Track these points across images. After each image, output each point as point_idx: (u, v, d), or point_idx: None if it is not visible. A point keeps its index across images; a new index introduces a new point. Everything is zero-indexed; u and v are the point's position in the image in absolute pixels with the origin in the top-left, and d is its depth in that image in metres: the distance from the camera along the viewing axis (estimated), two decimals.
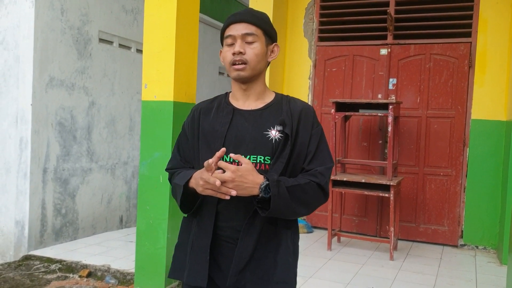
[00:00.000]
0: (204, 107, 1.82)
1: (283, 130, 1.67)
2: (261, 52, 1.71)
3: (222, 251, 1.70)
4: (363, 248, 5.37)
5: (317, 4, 6.20)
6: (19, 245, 4.88)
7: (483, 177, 5.44)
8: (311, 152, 1.71)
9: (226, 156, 1.66)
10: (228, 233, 1.69)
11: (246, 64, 1.69)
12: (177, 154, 1.87)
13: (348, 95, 6.02)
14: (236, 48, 1.68)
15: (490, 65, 5.43)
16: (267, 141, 1.67)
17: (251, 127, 1.70)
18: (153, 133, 4.03)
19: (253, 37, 1.70)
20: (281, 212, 1.62)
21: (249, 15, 1.73)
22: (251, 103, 1.77)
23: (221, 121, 1.74)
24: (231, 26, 1.73)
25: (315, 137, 1.72)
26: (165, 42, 3.96)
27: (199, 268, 1.69)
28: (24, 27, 4.85)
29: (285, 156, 1.65)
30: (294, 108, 1.74)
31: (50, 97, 5.02)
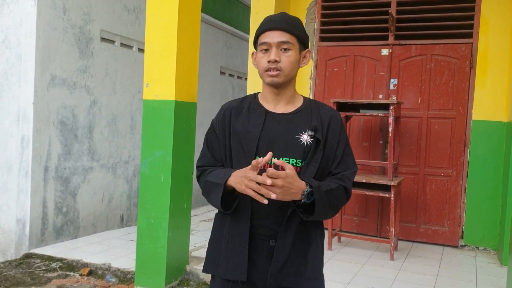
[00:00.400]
0: (235, 107, 1.86)
1: (314, 135, 1.75)
2: (295, 60, 1.77)
3: (256, 247, 1.76)
4: (363, 248, 5.38)
5: (318, 4, 6.21)
6: (20, 243, 4.89)
7: (483, 178, 5.45)
8: (338, 156, 1.80)
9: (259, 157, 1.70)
10: (261, 231, 1.76)
11: (281, 71, 1.74)
12: (207, 152, 1.90)
13: (349, 95, 6.03)
14: (272, 56, 1.73)
15: (491, 66, 5.44)
16: (299, 145, 1.75)
17: (283, 130, 1.77)
18: (154, 132, 4.04)
19: (288, 45, 1.74)
20: (320, 215, 1.72)
21: (284, 23, 1.76)
22: (281, 106, 1.82)
23: (254, 123, 1.79)
24: (266, 33, 1.76)
25: (342, 142, 1.82)
26: (166, 41, 3.97)
27: (238, 263, 1.75)
28: (26, 26, 4.86)
29: (317, 160, 1.74)
30: (324, 114, 1.82)
31: (51, 96, 5.04)
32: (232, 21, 8.84)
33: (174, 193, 4.04)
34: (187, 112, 4.17)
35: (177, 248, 4.18)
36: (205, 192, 1.85)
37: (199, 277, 4.25)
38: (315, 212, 1.67)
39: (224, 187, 1.72)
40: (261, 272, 1.75)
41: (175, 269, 4.17)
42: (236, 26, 8.89)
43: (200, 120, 7.48)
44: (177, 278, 4.22)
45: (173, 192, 4.02)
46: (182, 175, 4.15)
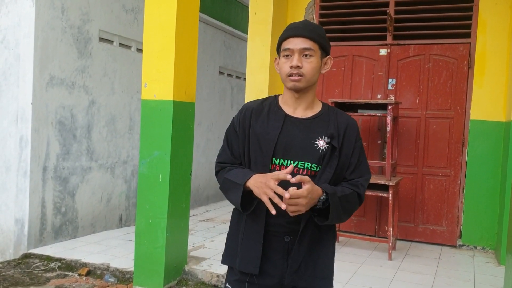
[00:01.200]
0: (256, 108, 1.92)
1: (330, 142, 1.82)
2: (317, 66, 1.83)
3: (271, 243, 1.84)
4: (361, 248, 5.39)
5: (316, 4, 6.21)
6: (18, 243, 4.89)
7: (481, 178, 5.46)
8: (352, 163, 1.87)
9: (276, 160, 1.82)
10: (276, 229, 1.84)
11: (302, 76, 1.80)
12: (227, 149, 1.96)
13: (347, 95, 6.04)
14: (294, 62, 1.79)
15: (489, 66, 5.45)
16: (315, 150, 1.81)
17: (300, 135, 1.83)
18: (153, 132, 4.04)
19: (310, 51, 1.81)
20: (334, 220, 1.81)
21: (307, 30, 1.82)
22: (301, 111, 1.88)
23: (273, 125, 1.85)
24: (290, 39, 1.83)
25: (357, 150, 1.88)
26: (165, 41, 3.98)
27: (252, 256, 1.84)
28: (24, 26, 4.86)
29: (332, 166, 1.81)
30: (341, 121, 1.88)
31: (50, 96, 5.04)
32: (231, 21, 8.85)
33: (172, 193, 4.04)
34: (185, 112, 4.17)
35: (176, 248, 4.19)
36: (224, 188, 1.91)
37: (198, 277, 4.26)
38: (330, 217, 1.76)
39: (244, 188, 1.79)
40: (277, 266, 1.84)
41: (174, 269, 4.18)
42: (235, 26, 8.90)
43: (199, 120, 7.49)
44: (176, 278, 4.22)
45: (171, 192, 4.03)
46: (180, 175, 4.15)
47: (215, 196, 8.31)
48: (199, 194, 7.88)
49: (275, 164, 1.82)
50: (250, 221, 1.87)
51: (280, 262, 1.84)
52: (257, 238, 1.84)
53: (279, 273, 1.84)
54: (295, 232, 1.83)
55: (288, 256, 1.84)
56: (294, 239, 1.83)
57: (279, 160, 1.81)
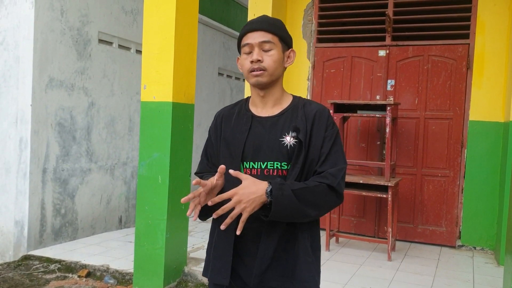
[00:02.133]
0: (226, 114, 1.89)
1: (297, 136, 1.72)
2: (278, 59, 1.77)
3: (246, 248, 1.76)
4: (361, 248, 5.39)
5: (315, 5, 6.22)
6: (18, 245, 4.90)
7: (480, 178, 5.46)
8: (323, 154, 1.73)
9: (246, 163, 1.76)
10: (249, 233, 1.74)
11: (264, 70, 1.74)
12: (205, 159, 1.94)
13: (346, 96, 6.05)
14: (254, 56, 1.74)
15: (487, 66, 5.46)
16: (283, 147, 1.73)
17: (267, 134, 1.76)
18: (152, 133, 4.05)
19: (270, 44, 1.75)
20: (286, 215, 1.65)
21: (265, 23, 1.77)
22: (268, 109, 1.82)
23: (241, 129, 1.80)
24: (248, 34, 1.78)
25: (329, 139, 1.75)
26: (164, 43, 3.98)
27: (222, 266, 1.77)
28: (24, 28, 4.87)
29: (300, 162, 1.71)
30: (309, 111, 1.78)
31: (49, 98, 5.04)
32: (230, 22, 8.86)
33: (172, 194, 4.05)
34: (185, 113, 4.18)
35: (175, 250, 4.19)
36: None
37: (197, 278, 4.26)
38: (273, 209, 1.60)
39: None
40: (250, 272, 1.75)
41: (173, 270, 4.18)
42: (234, 27, 8.91)
43: (198, 121, 7.49)
44: (175, 280, 4.23)
45: (171, 193, 4.03)
46: (180, 176, 4.16)
47: None
48: None
49: (245, 168, 1.75)
50: (220, 231, 1.77)
51: (251, 264, 1.75)
52: (227, 246, 1.76)
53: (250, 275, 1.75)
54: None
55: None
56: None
57: (249, 164, 1.75)
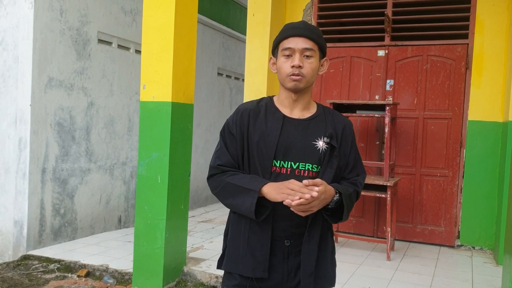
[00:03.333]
0: (253, 109, 1.89)
1: (330, 142, 1.83)
2: (316, 67, 1.84)
3: (272, 247, 1.83)
4: (360, 248, 5.40)
5: (315, 5, 6.23)
6: (17, 245, 4.90)
7: (479, 178, 5.47)
8: (350, 163, 1.91)
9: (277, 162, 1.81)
10: (278, 233, 1.83)
11: (303, 77, 1.80)
12: (227, 151, 1.89)
13: (345, 96, 6.05)
14: (296, 61, 1.78)
15: (486, 66, 5.47)
16: (315, 151, 1.82)
17: (300, 136, 1.83)
18: (151, 133, 4.05)
19: (311, 52, 1.80)
20: (342, 219, 1.86)
21: (308, 30, 1.82)
22: (298, 112, 1.88)
23: (272, 127, 1.84)
24: (290, 38, 1.81)
25: (354, 149, 1.93)
26: (163, 43, 3.99)
27: (260, 261, 1.82)
28: (23, 28, 4.87)
29: (333, 166, 1.83)
30: (338, 122, 1.90)
31: (49, 98, 5.04)
32: (229, 22, 8.86)
33: (171, 194, 4.05)
34: (184, 113, 4.18)
35: (175, 249, 4.20)
36: (227, 193, 1.84)
37: (196, 278, 4.27)
38: (344, 217, 1.83)
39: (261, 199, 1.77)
40: (275, 271, 1.84)
41: (173, 270, 4.18)
42: (233, 27, 8.91)
43: (197, 121, 7.50)
44: (175, 279, 4.23)
45: (170, 193, 4.04)
46: (179, 176, 4.16)
47: (214, 197, 8.31)
48: (198, 195, 7.89)
49: (275, 166, 1.80)
50: (255, 226, 1.84)
51: (279, 265, 1.83)
52: (264, 242, 1.82)
53: (278, 276, 1.84)
54: (295, 236, 1.83)
55: (288, 259, 1.83)
56: (295, 242, 1.83)
57: (279, 162, 1.80)
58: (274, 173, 1.80)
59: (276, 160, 1.80)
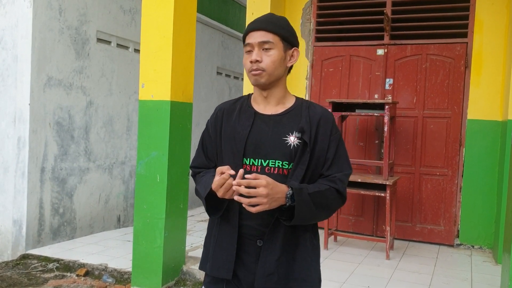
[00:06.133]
0: (227, 108, 1.87)
1: (301, 137, 1.72)
2: (278, 59, 1.75)
3: (244, 247, 1.77)
4: (359, 247, 5.40)
5: (314, 4, 6.22)
6: (16, 244, 4.90)
7: (479, 177, 5.47)
8: (329, 158, 1.76)
9: (247, 159, 1.75)
10: (248, 231, 1.76)
11: (263, 71, 1.73)
12: (202, 152, 1.92)
13: (345, 95, 6.05)
14: (253, 56, 1.74)
15: (486, 65, 5.47)
16: (286, 147, 1.73)
17: (271, 132, 1.76)
18: (150, 132, 4.05)
19: (270, 44, 1.74)
20: (305, 219, 1.70)
21: (266, 22, 1.76)
22: (271, 107, 1.81)
23: (243, 124, 1.79)
24: (249, 33, 1.77)
25: (334, 143, 1.78)
26: (162, 42, 3.98)
27: (226, 260, 1.77)
28: (22, 27, 4.86)
29: (304, 163, 1.71)
30: (314, 114, 1.78)
31: (48, 97, 5.04)
32: (228, 21, 8.85)
33: (170, 193, 4.05)
34: (183, 112, 4.18)
35: (174, 248, 4.20)
36: (196, 194, 1.88)
37: (196, 277, 4.27)
38: (296, 215, 1.64)
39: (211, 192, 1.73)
40: (249, 271, 1.76)
41: (172, 269, 4.18)
42: (232, 26, 8.91)
43: (196, 120, 7.49)
44: (174, 278, 4.23)
45: (169, 192, 4.03)
46: (178, 175, 4.16)
47: None
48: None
49: (245, 164, 1.74)
50: (223, 225, 1.80)
51: (252, 266, 1.75)
52: (231, 241, 1.76)
53: (251, 278, 1.75)
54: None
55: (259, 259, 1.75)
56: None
57: (249, 160, 1.74)
58: (245, 172, 1.69)
59: (246, 157, 1.74)
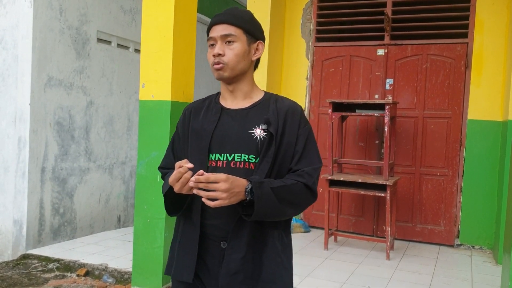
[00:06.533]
0: (195, 107, 1.84)
1: (267, 129, 1.67)
2: (241, 52, 1.71)
3: (208, 248, 1.70)
4: (359, 247, 5.40)
5: (314, 4, 6.23)
6: (17, 244, 4.90)
7: (479, 177, 5.47)
8: (298, 152, 1.70)
9: (213, 155, 1.70)
10: (212, 231, 1.69)
11: (225, 64, 1.69)
12: (171, 153, 1.90)
13: (345, 95, 6.05)
14: (215, 50, 1.70)
15: (486, 65, 5.46)
16: (252, 140, 1.67)
17: (237, 126, 1.71)
18: (151, 132, 4.05)
19: (232, 37, 1.70)
20: (267, 214, 1.61)
21: (229, 15, 1.73)
22: (238, 102, 1.77)
23: (209, 120, 1.75)
24: (212, 27, 1.74)
25: (302, 136, 1.72)
26: (162, 42, 3.98)
27: (187, 263, 1.70)
28: (22, 27, 4.86)
29: (270, 156, 1.65)
30: (281, 107, 1.73)
31: (48, 97, 5.04)
32: None
33: None
34: None
35: None
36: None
37: None
38: (255, 209, 1.56)
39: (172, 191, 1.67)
40: (212, 275, 1.70)
41: None
42: None
43: None
44: None
45: None
46: None
47: None
48: None
49: (211, 160, 1.69)
50: (186, 225, 1.74)
51: (216, 269, 1.68)
52: (193, 242, 1.69)
53: (214, 282, 1.68)
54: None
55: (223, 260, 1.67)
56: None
57: (215, 155, 1.69)
58: (211, 167, 1.68)
59: (212, 153, 1.69)
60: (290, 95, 6.30)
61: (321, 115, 6.15)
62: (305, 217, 6.23)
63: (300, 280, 4.16)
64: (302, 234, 5.86)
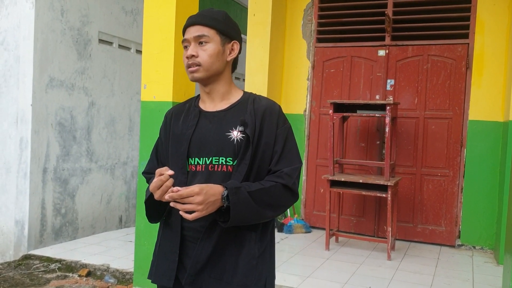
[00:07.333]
0: (176, 111, 1.83)
1: (244, 131, 1.65)
2: (215, 52, 1.69)
3: (187, 251, 1.69)
4: (360, 248, 5.40)
5: (315, 5, 6.23)
6: (18, 244, 4.91)
7: (480, 178, 5.47)
8: (277, 152, 1.68)
9: (192, 159, 1.69)
10: (191, 233, 1.69)
11: (200, 66, 1.68)
12: (154, 158, 1.89)
13: (346, 96, 6.06)
14: (189, 51, 1.69)
15: (487, 66, 5.47)
16: (229, 142, 1.65)
17: (214, 129, 1.69)
18: (152, 133, 4.05)
19: (205, 38, 1.68)
20: (245, 218, 1.60)
21: (201, 16, 1.71)
22: (216, 104, 1.75)
23: (188, 124, 1.74)
24: (186, 29, 1.73)
25: (281, 136, 1.69)
26: (164, 43, 3.99)
27: (167, 268, 1.71)
28: (24, 28, 4.88)
29: (248, 158, 1.63)
30: (258, 107, 1.70)
31: (50, 98, 5.05)
32: None
33: None
34: None
35: None
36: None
37: None
38: (232, 216, 1.55)
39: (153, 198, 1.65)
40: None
41: None
42: None
43: None
44: None
45: None
46: None
47: None
48: None
49: (191, 164, 1.69)
50: (166, 230, 1.74)
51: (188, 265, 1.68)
52: (173, 247, 1.69)
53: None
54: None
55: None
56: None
57: (194, 160, 1.68)
58: (190, 172, 1.68)
59: (191, 157, 1.68)
60: (291, 96, 6.31)
61: (322, 115, 6.15)
62: (306, 217, 6.24)
63: (301, 281, 4.16)
64: (303, 235, 5.86)
